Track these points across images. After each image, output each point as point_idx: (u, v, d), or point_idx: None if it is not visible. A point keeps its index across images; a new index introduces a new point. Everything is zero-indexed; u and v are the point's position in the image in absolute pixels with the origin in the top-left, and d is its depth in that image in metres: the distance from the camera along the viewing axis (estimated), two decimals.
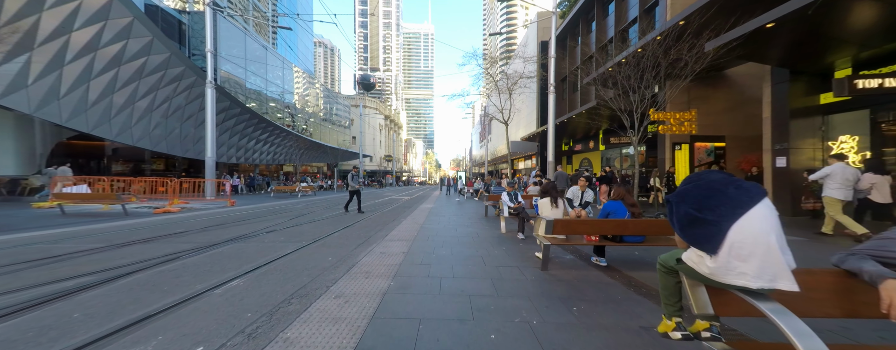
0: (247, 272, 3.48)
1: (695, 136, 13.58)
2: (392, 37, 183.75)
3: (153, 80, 15.88)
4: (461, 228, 6.94)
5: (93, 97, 14.04)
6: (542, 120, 31.29)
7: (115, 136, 15.42)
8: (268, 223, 7.45)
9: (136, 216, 8.70)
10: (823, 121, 8.72)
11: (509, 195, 6.58)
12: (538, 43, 30.76)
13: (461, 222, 7.93)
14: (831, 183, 5.55)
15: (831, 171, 5.56)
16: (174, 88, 17.01)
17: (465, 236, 6.00)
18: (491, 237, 5.92)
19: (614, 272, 3.65)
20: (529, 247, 5.07)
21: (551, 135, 14.74)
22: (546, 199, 4.28)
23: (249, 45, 25.65)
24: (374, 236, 5.91)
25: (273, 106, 29.82)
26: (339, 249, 4.74)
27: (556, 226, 3.56)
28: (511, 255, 4.52)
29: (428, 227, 7.01)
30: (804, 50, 7.42)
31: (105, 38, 13.41)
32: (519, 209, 6.07)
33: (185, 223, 7.34)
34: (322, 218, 8.62)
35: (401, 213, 10.25)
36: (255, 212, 10.16)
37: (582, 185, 6.11)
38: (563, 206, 4.21)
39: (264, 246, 4.90)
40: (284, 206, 12.64)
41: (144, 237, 5.49)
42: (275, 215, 9.18)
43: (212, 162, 15.48)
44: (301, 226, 7.07)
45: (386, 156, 68.59)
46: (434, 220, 8.20)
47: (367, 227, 6.99)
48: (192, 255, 4.27)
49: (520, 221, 5.95)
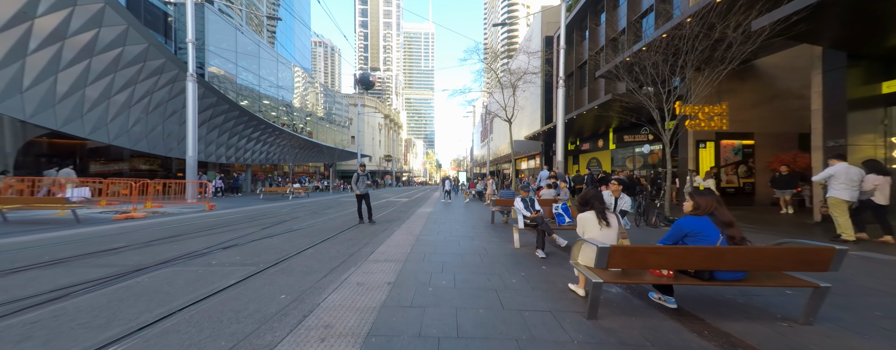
0: (132, 332, 2.26)
1: (721, 132, 12.37)
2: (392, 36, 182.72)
3: (130, 72, 14.70)
4: (465, 241, 5.73)
5: (62, 90, 12.86)
6: (547, 118, 30.06)
7: (88, 133, 14.25)
8: (233, 234, 6.25)
9: (89, 223, 7.51)
10: (886, 113, 7.49)
11: (523, 202, 5.37)
12: (542, 38, 29.57)
13: (465, 232, 6.72)
14: (836, 183, 5.42)
15: (835, 172, 5.44)
16: (155, 82, 15.83)
17: (471, 253, 4.79)
18: (503, 255, 4.70)
19: (698, 323, 2.44)
20: (555, 271, 3.86)
21: (560, 132, 13.54)
22: (589, 212, 3.02)
23: (241, 40, 24.48)
24: (357, 254, 4.70)
25: (267, 104, 28.65)
26: (303, 278, 3.53)
27: (615, 255, 2.35)
28: (535, 287, 3.30)
29: (425, 240, 5.80)
30: (876, 27, 6.20)
31: (74, 26, 12.24)
32: (537, 220, 4.85)
33: (134, 234, 6.15)
34: (302, 226, 7.41)
35: (396, 218, 9.04)
36: (229, 218, 8.97)
37: (615, 190, 4.89)
38: (616, 225, 2.93)
39: (205, 273, 3.69)
40: (268, 210, 11.44)
41: (58, 258, 4.29)
42: (249, 223, 7.98)
43: (193, 161, 14.30)
44: (272, 238, 5.86)
45: (385, 156, 67.41)
46: (433, 230, 7.00)
47: (351, 240, 5.79)
48: (91, 289, 3.07)
49: (539, 235, 4.74)
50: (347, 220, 8.48)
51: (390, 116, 75.71)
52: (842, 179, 5.38)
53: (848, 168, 5.40)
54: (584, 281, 3.09)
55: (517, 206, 5.34)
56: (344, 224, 7.81)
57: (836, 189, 5.45)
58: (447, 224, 7.94)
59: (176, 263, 4.04)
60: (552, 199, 7.48)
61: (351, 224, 7.78)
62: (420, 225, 7.70)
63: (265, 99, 28.23)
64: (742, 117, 12.20)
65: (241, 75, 24.58)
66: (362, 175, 7.98)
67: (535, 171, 32.78)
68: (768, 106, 12.33)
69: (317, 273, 3.71)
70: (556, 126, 13.91)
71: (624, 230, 2.77)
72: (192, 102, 14.28)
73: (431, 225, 7.72)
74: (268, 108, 28.89)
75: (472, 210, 11.61)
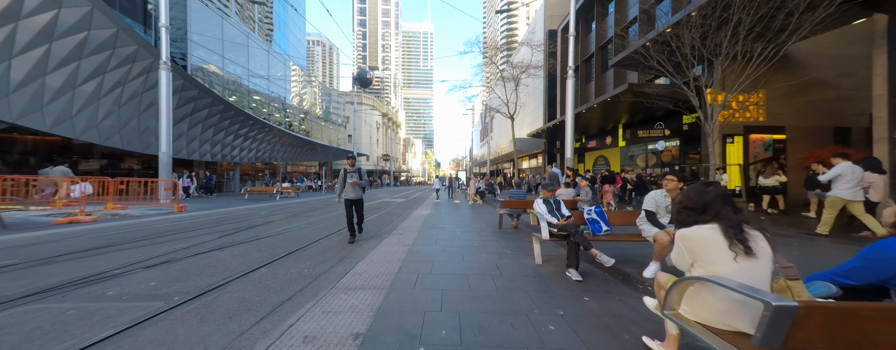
0: None
1: (749, 126, 11.19)
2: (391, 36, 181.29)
3: (99, 60, 13.37)
4: (471, 254, 4.48)
5: (16, 78, 11.53)
6: (551, 115, 28.84)
7: (49, 127, 12.90)
8: (179, 244, 4.98)
9: (18, 229, 6.22)
10: None
11: (547, 205, 4.12)
12: (545, 31, 28.36)
13: (469, 240, 5.47)
14: (841, 183, 5.42)
15: (841, 171, 5.41)
16: (127, 72, 14.49)
17: (480, 274, 3.54)
18: (524, 277, 3.46)
19: None
20: (606, 307, 2.62)
21: (570, 126, 12.33)
22: (708, 228, 1.57)
23: (228, 31, 23.14)
24: (325, 276, 3.44)
25: (258, 99, 27.32)
26: (223, 325, 2.27)
27: (808, 321, 1.10)
28: (588, 339, 2.06)
29: (420, 252, 4.54)
30: None
31: (28, 6, 10.92)
32: (568, 229, 3.61)
33: (51, 246, 4.87)
34: (271, 233, 6.14)
35: (386, 223, 7.78)
36: (192, 222, 7.69)
37: (673, 189, 3.64)
38: (766, 254, 1.45)
39: (72, 317, 2.43)
40: (244, 212, 10.16)
41: None
42: (211, 228, 6.70)
43: (166, 158, 13.00)
44: (223, 251, 4.59)
45: (383, 155, 66.08)
46: (430, 237, 5.74)
47: (324, 253, 4.52)
48: None
49: (571, 250, 3.49)
50: (329, 225, 7.21)
51: (388, 115, 74.36)
52: (848, 178, 5.35)
53: (852, 167, 5.37)
54: (677, 339, 1.85)
55: (538, 209, 4.09)
56: (324, 230, 6.53)
57: (839, 189, 5.43)
58: (447, 229, 6.68)
59: (48, 297, 2.76)
60: (571, 200, 6.25)
61: (332, 230, 6.51)
62: (414, 231, 6.44)
63: (255, 94, 26.89)
64: (772, 109, 11.02)
65: (227, 68, 23.23)
66: (352, 172, 5.43)
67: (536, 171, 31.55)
68: (801, 97, 11.12)
69: (249, 314, 2.44)
70: (566, 120, 12.70)
71: (788, 266, 1.48)
72: (166, 93, 12.98)
73: (428, 231, 6.47)
74: (259, 104, 27.55)
75: (474, 212, 10.36)
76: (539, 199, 4.19)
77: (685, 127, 13.91)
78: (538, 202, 4.15)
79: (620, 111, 16.02)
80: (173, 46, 19.88)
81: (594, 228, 4.00)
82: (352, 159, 5.55)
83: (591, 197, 6.37)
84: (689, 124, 13.67)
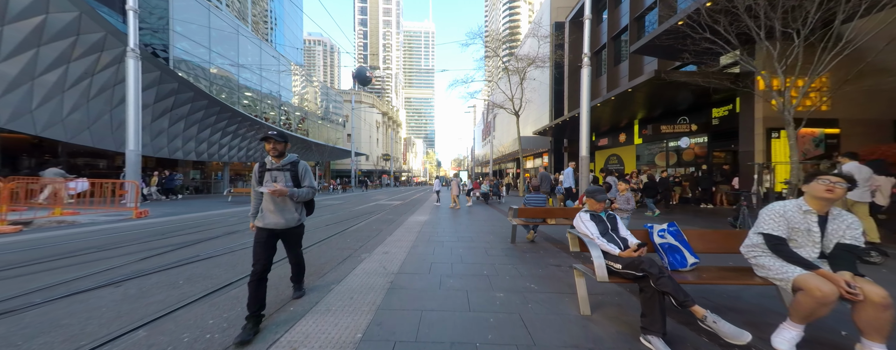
0: None
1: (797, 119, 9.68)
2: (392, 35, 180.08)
3: (61, 47, 12.03)
4: (479, 297, 3.04)
5: None
6: (557, 112, 27.34)
7: (4, 122, 11.57)
8: (63, 275, 3.58)
9: None
10: None
11: (596, 222, 2.68)
12: (552, 24, 26.87)
13: (475, 264, 4.04)
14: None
15: (848, 172, 4.29)
16: (95, 61, 13.15)
17: (498, 344, 2.11)
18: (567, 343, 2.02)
19: None
20: None
21: (585, 120, 10.88)
22: None
23: (215, 22, 21.80)
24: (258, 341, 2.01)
25: (250, 95, 25.98)
26: None
27: None
28: None
29: (405, 289, 3.12)
30: None
31: None
32: (646, 267, 2.17)
33: None
34: (213, 254, 4.72)
35: (373, 235, 6.36)
36: (132, 234, 6.30)
37: (834, 198, 2.20)
38: None
39: None
40: (212, 219, 8.78)
41: None
42: (146, 244, 5.30)
43: (134, 157, 11.62)
44: (117, 287, 3.18)
45: (383, 155, 64.71)
46: (424, 259, 4.31)
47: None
48: None
49: (649, 303, 2.06)
50: None
51: (389, 114, 73.01)
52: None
53: (859, 168, 5.11)
54: None
55: (585, 230, 2.65)
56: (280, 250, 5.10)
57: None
58: (447, 244, 5.25)
59: None
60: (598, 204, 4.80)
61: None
62: (406, 247, 5.01)
63: (247, 90, 25.55)
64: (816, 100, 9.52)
65: (215, 61, 21.88)
66: (276, 169, 2.55)
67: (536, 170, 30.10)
68: (856, 85, 9.61)
69: None
70: (580, 113, 11.23)
71: None
72: (134, 84, 11.60)
73: (423, 247, 5.04)
74: (252, 101, 26.21)
75: (479, 218, 8.93)
76: (585, 214, 2.74)
77: (714, 121, 12.42)
78: (584, 218, 2.71)
79: (637, 105, 14.56)
80: (154, 37, 18.59)
81: (672, 261, 2.56)
82: (276, 142, 2.49)
83: (633, 206, 4.91)
84: (719, 118, 12.18)
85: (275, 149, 2.52)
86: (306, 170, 2.64)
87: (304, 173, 2.62)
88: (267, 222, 2.51)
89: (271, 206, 2.53)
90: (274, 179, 2.53)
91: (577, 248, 2.76)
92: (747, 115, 10.04)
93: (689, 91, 11.48)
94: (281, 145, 2.54)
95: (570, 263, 4.04)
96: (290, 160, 2.61)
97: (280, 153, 2.55)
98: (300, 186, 2.60)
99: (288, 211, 2.57)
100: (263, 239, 2.46)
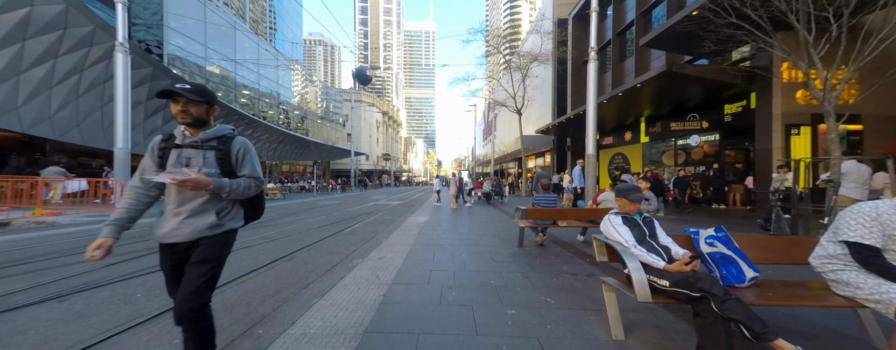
0: None
1: (816, 114, 9.22)
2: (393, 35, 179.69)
3: (47, 42, 11.59)
4: (486, 314, 2.57)
5: None
6: (560, 110, 26.84)
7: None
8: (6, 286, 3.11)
9: None
10: None
11: (630, 227, 2.20)
12: (555, 20, 26.38)
13: (480, 272, 3.57)
14: (847, 182, 5.23)
15: (846, 170, 5.27)
16: (84, 56, 12.71)
17: None
18: None
19: None
20: None
21: (592, 117, 10.37)
22: None
23: (211, 18, 21.37)
24: None
25: (247, 93, 25.56)
26: None
27: None
28: None
29: (399, 303, 2.65)
30: None
31: None
32: (705, 286, 1.69)
33: None
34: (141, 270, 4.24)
35: (369, 238, 5.89)
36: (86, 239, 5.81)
37: None
38: None
39: None
40: None
41: None
42: (119, 248, 4.84)
43: (123, 155, 11.14)
44: (36, 309, 2.72)
45: (384, 154, 64.26)
46: (423, 265, 3.84)
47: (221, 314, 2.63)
48: None
49: (714, 330, 1.58)
50: (278, 247, 5.34)
51: (389, 113, 72.58)
52: (852, 178, 5.23)
53: (858, 166, 5.22)
54: None
55: (617, 235, 2.17)
56: (260, 256, 4.65)
57: (846, 188, 5.24)
58: (448, 249, 4.78)
59: None
60: (632, 206, 4.32)
61: (273, 257, 4.61)
62: (403, 252, 4.54)
63: (244, 88, 25.12)
64: (845, 93, 9.03)
65: (211, 59, 21.45)
66: (188, 146, 1.56)
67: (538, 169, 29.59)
68: (880, 79, 9.13)
69: None
70: (587, 111, 10.71)
71: None
72: (123, 80, 11.12)
73: (422, 252, 4.57)
74: (249, 100, 25.79)
75: (482, 219, 8.45)
76: (615, 217, 2.26)
77: (727, 118, 11.91)
78: (614, 222, 2.23)
79: (644, 102, 14.05)
80: (148, 33, 18.16)
81: (727, 273, 2.08)
82: (189, 103, 1.49)
83: (655, 206, 4.42)
84: (732, 114, 11.68)
85: (186, 113, 1.49)
86: (246, 151, 1.62)
87: (241, 156, 1.61)
88: (164, 232, 1.51)
89: (173, 205, 1.53)
90: (185, 163, 1.52)
91: (604, 256, 2.28)
92: (764, 111, 9.54)
93: (700, 86, 10.98)
94: (198, 108, 1.51)
95: (586, 271, 3.57)
96: (218, 133, 1.59)
97: (197, 120, 1.53)
98: (236, 177, 1.60)
99: (201, 212, 1.53)
100: (168, 266, 1.55)
